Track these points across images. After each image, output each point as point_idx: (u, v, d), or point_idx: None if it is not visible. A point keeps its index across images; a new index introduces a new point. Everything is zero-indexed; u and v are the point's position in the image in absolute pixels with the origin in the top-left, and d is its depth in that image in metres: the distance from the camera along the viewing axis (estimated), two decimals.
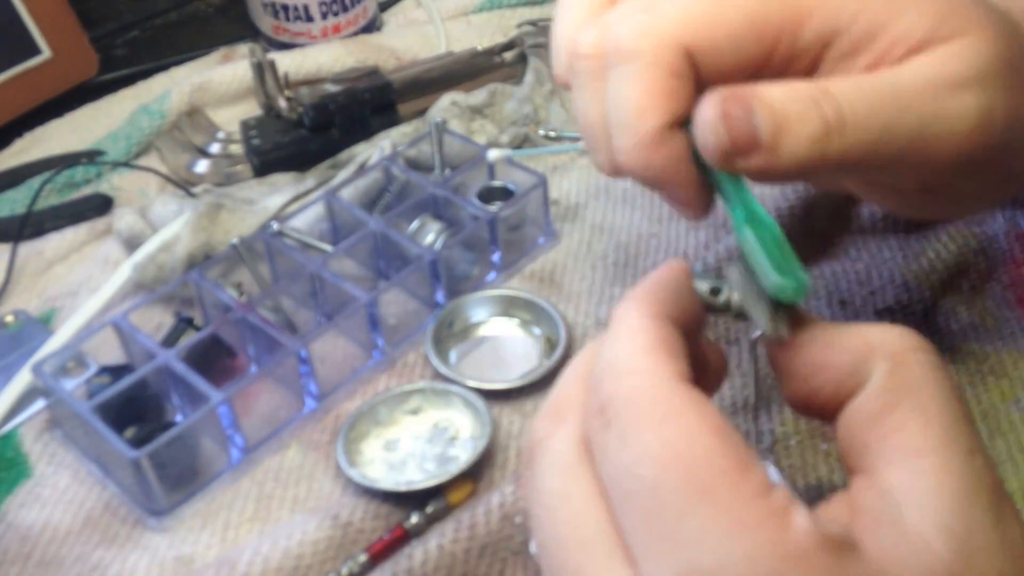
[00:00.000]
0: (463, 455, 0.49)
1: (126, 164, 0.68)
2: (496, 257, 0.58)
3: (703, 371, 0.33)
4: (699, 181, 0.35)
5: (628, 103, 0.35)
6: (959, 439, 0.28)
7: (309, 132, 0.67)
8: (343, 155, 0.66)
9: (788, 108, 0.33)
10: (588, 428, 0.29)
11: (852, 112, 0.33)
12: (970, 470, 0.27)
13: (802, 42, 0.36)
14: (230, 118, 0.72)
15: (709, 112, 0.33)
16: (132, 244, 0.60)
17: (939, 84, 0.35)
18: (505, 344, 0.55)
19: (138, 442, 0.46)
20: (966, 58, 0.35)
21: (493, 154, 0.61)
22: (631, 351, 0.29)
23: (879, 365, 0.29)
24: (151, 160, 0.69)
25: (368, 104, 0.68)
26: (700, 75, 0.35)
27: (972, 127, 0.35)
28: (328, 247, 0.57)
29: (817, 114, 0.33)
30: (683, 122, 0.35)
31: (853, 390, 0.30)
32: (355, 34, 0.79)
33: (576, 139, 0.68)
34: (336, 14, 0.77)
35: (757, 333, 0.32)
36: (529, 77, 0.70)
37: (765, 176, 0.34)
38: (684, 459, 0.26)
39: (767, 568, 0.25)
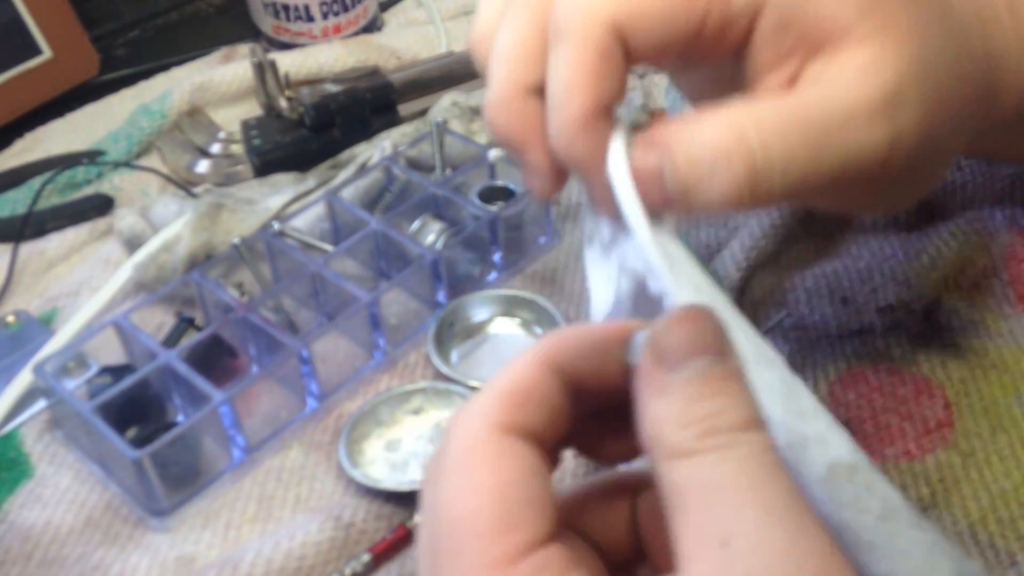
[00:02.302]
0: None
1: (127, 164, 0.68)
2: (497, 257, 0.58)
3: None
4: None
5: (559, 84, 0.34)
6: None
7: (310, 132, 0.67)
8: (344, 155, 0.66)
9: (702, 160, 0.32)
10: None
11: (777, 147, 0.33)
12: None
13: (733, 10, 0.35)
14: (231, 118, 0.72)
15: (623, 166, 0.32)
16: (133, 244, 0.60)
17: (854, 113, 0.34)
18: (506, 344, 0.55)
19: (139, 442, 0.46)
20: (878, 76, 0.34)
21: (494, 154, 0.61)
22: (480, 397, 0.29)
23: (657, 467, 0.28)
24: (152, 160, 0.69)
25: (369, 104, 0.68)
26: (631, 53, 0.34)
27: (883, 156, 0.34)
28: (329, 247, 0.57)
29: (743, 156, 0.33)
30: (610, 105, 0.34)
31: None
32: (356, 34, 0.79)
33: None
34: (337, 14, 0.77)
35: None
36: None
37: (689, 215, 0.33)
38: (453, 518, 0.27)
39: None
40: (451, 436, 0.28)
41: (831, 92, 0.34)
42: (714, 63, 0.37)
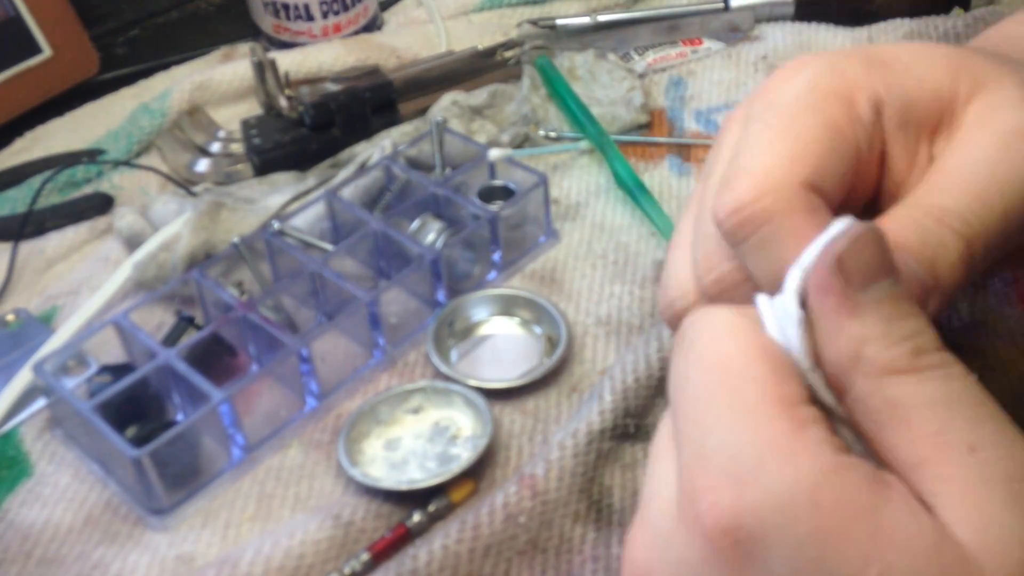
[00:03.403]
0: (464, 454, 0.49)
1: (127, 163, 0.68)
2: (497, 256, 0.58)
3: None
4: None
5: (783, 259, 0.33)
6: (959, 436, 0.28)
7: (310, 131, 0.67)
8: (344, 154, 0.66)
9: (928, 246, 0.33)
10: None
11: (974, 216, 0.33)
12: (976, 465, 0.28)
13: (864, 120, 0.36)
14: (231, 117, 0.72)
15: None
16: (133, 243, 0.60)
17: (1007, 144, 0.35)
18: (506, 343, 0.55)
19: (139, 441, 0.46)
20: (1004, 106, 0.35)
21: (494, 153, 0.61)
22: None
23: (857, 384, 0.30)
24: (152, 159, 0.69)
25: (369, 103, 0.68)
26: (827, 203, 0.34)
27: None
28: (329, 246, 0.57)
29: (953, 237, 0.33)
30: None
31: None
32: (356, 33, 0.78)
33: (576, 139, 0.68)
34: (337, 13, 0.77)
35: None
36: (525, 81, 0.70)
37: (942, 308, 0.33)
38: (724, 366, 0.30)
39: (757, 455, 0.27)
40: (708, 317, 0.31)
41: (977, 139, 0.35)
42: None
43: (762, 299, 0.32)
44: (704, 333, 0.31)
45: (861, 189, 0.37)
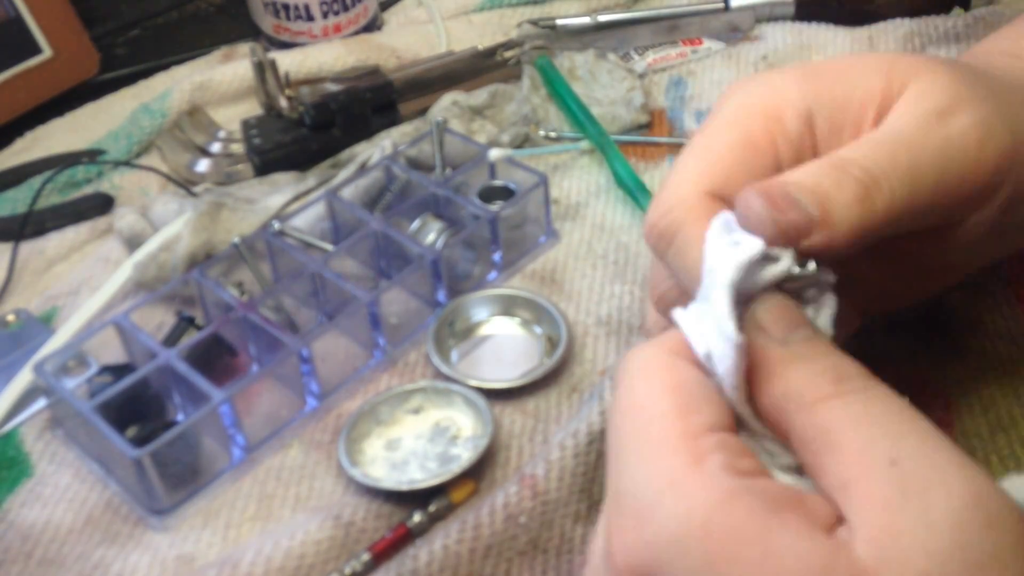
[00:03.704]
0: (465, 454, 0.49)
1: (127, 163, 0.68)
2: (497, 256, 0.58)
3: None
4: None
5: (696, 266, 0.36)
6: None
7: (310, 131, 0.67)
8: (344, 154, 0.66)
9: (821, 183, 0.35)
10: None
11: (877, 167, 0.35)
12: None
13: (792, 135, 0.38)
14: (231, 117, 0.72)
15: (755, 204, 0.34)
16: (133, 243, 0.60)
17: (927, 120, 0.36)
18: (506, 343, 0.55)
19: (139, 441, 0.46)
20: (932, 92, 0.37)
21: (494, 153, 0.61)
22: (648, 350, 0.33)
23: (793, 419, 0.31)
24: (152, 159, 0.69)
25: (369, 103, 0.68)
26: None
27: (980, 138, 0.36)
28: (329, 246, 0.57)
29: (849, 179, 0.35)
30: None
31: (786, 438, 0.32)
32: (356, 33, 0.79)
33: (576, 139, 0.68)
34: (337, 13, 0.77)
35: None
36: (525, 81, 0.70)
37: (830, 251, 0.34)
38: (636, 409, 0.31)
39: (656, 490, 0.29)
40: (629, 360, 0.33)
41: (900, 119, 0.37)
42: None
43: (679, 314, 0.33)
44: (624, 378, 0.32)
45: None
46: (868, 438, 0.29)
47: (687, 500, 0.28)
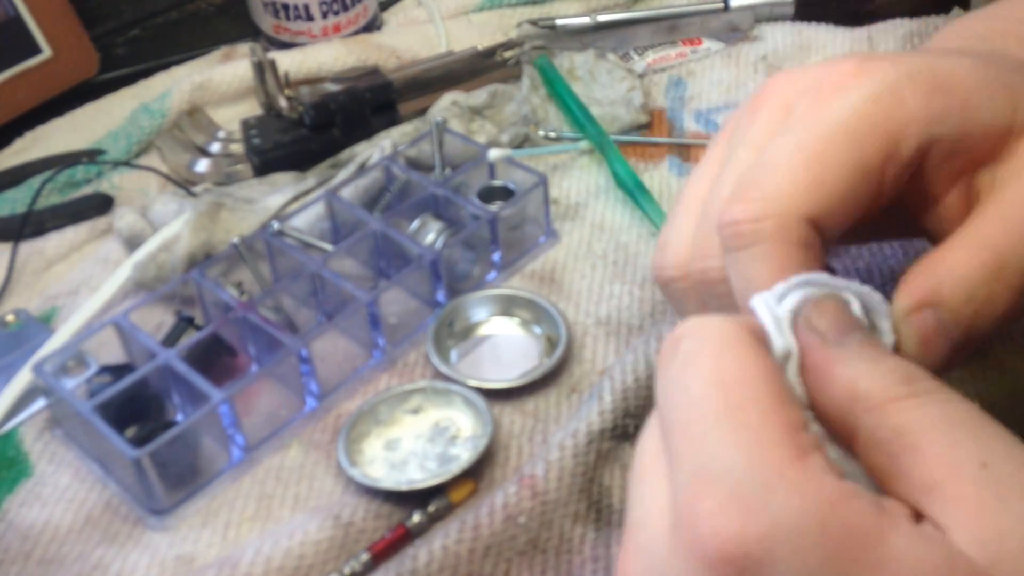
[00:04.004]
0: (464, 454, 0.49)
1: (127, 163, 0.68)
2: (496, 256, 0.58)
3: None
4: None
5: (758, 282, 0.35)
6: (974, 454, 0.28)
7: (310, 131, 0.67)
8: (343, 154, 0.66)
9: (976, 295, 0.35)
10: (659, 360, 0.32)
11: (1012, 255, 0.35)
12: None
13: (903, 160, 0.36)
14: (231, 117, 0.72)
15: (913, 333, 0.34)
16: (133, 243, 0.60)
17: None
18: (506, 343, 0.55)
19: (139, 441, 0.46)
20: None
21: (493, 153, 0.61)
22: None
23: (862, 420, 0.30)
24: (152, 159, 0.69)
25: (369, 103, 0.68)
26: (823, 237, 0.36)
27: None
28: (329, 246, 0.57)
29: (1003, 286, 0.34)
30: None
31: (850, 440, 0.31)
32: (355, 33, 0.78)
33: (576, 139, 0.68)
34: (336, 13, 0.77)
35: None
36: (525, 81, 0.70)
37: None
38: (729, 383, 0.29)
39: (764, 481, 0.27)
40: (706, 328, 0.31)
41: (1011, 201, 0.36)
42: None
43: (759, 302, 0.32)
44: (706, 346, 0.30)
45: (874, 208, 0.37)
46: (954, 441, 0.28)
47: (802, 496, 0.27)
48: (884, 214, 0.38)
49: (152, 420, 0.50)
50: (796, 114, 0.37)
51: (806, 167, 0.35)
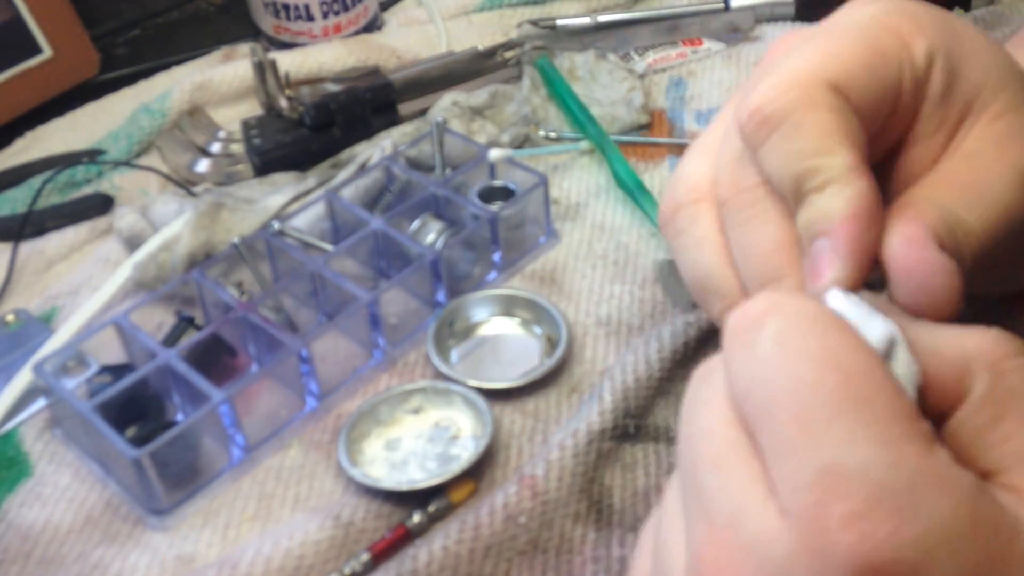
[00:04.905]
0: (464, 454, 0.49)
1: (127, 163, 0.68)
2: (497, 256, 0.58)
3: None
4: None
5: (804, 153, 0.32)
6: None
7: (310, 131, 0.67)
8: (344, 154, 0.66)
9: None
10: (728, 340, 0.29)
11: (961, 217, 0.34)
12: None
13: (917, 64, 0.35)
14: (231, 117, 0.72)
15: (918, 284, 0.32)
16: (133, 243, 0.60)
17: (997, 177, 0.35)
18: (506, 343, 0.55)
19: (139, 441, 0.46)
20: (1013, 149, 0.35)
21: (494, 154, 0.61)
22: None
23: (980, 377, 0.28)
24: (152, 159, 0.69)
25: (369, 103, 0.68)
26: (856, 113, 0.34)
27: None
28: (329, 246, 0.57)
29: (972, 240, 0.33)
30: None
31: (955, 403, 0.29)
32: (356, 33, 0.78)
33: (576, 139, 0.68)
34: (337, 13, 0.77)
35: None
36: (525, 82, 0.70)
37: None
38: (845, 367, 0.26)
39: (908, 480, 0.25)
40: (793, 304, 0.28)
41: (978, 160, 0.35)
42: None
43: (839, 300, 0.30)
44: (806, 324, 0.27)
45: (886, 138, 0.36)
46: None
47: (949, 495, 0.25)
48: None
49: (152, 420, 0.50)
50: (812, 32, 0.36)
51: (821, 48, 0.34)
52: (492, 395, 0.51)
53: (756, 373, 0.27)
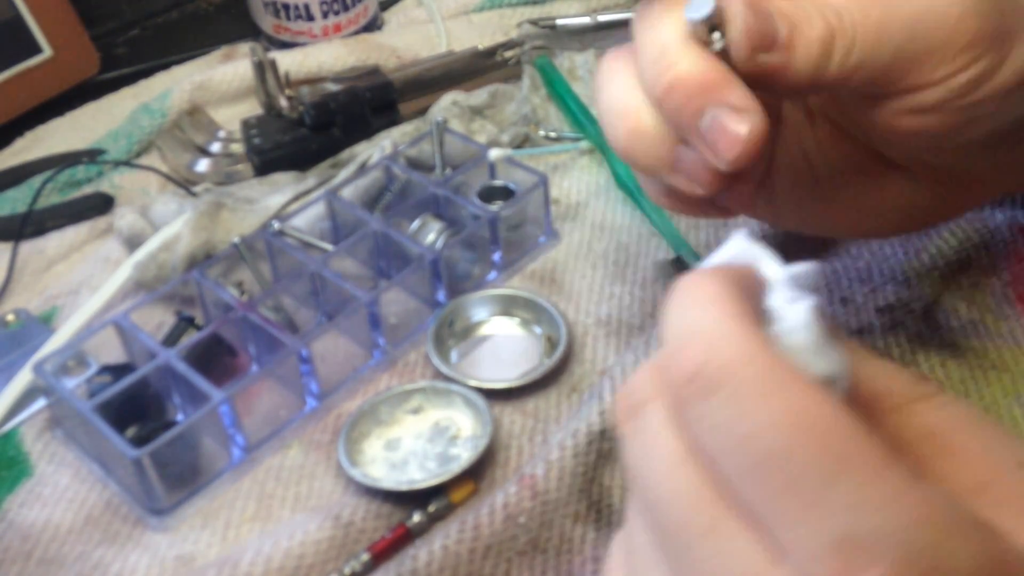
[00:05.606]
0: (464, 454, 0.49)
1: (127, 163, 0.68)
2: (497, 256, 0.58)
3: None
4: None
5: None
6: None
7: (310, 131, 0.67)
8: (344, 154, 0.66)
9: (796, 13, 0.35)
10: (676, 398, 0.27)
11: (848, 15, 0.36)
12: None
13: None
14: (231, 117, 0.72)
15: (738, 5, 0.35)
16: (133, 243, 0.60)
17: None
18: (506, 343, 0.55)
19: (139, 441, 0.46)
20: None
21: (494, 153, 0.61)
22: (715, 317, 0.27)
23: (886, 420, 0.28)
24: (152, 159, 0.69)
25: (369, 103, 0.68)
26: None
27: (963, 9, 0.35)
28: (329, 246, 0.57)
29: (820, 19, 0.35)
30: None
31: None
32: (356, 33, 0.79)
33: (576, 139, 0.68)
34: (337, 13, 0.77)
35: None
36: (525, 81, 0.70)
37: (780, 82, 0.35)
38: (817, 427, 0.25)
39: (928, 538, 0.24)
40: (723, 366, 0.26)
41: None
42: None
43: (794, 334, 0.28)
44: (754, 382, 0.26)
45: None
46: (984, 442, 0.28)
47: (971, 543, 0.24)
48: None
49: (152, 420, 0.50)
50: None
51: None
52: (492, 395, 0.51)
53: (724, 442, 0.26)
